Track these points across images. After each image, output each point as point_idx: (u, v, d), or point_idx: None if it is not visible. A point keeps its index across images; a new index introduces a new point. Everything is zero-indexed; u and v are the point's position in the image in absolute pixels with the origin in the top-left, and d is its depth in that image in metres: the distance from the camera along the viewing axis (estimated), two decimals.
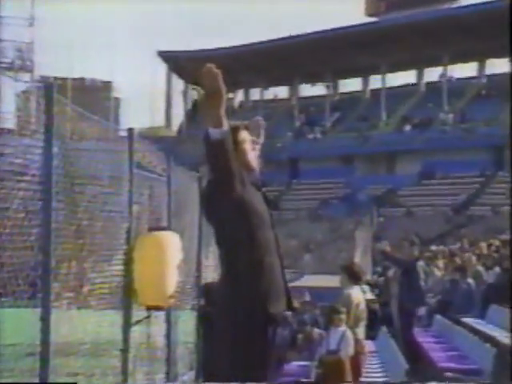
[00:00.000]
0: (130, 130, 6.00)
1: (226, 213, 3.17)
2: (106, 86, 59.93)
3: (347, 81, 51.80)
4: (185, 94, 56.18)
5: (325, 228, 39.53)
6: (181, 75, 54.85)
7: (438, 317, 11.92)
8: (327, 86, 51.06)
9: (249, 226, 3.18)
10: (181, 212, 7.45)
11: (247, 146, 3.37)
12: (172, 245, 5.69)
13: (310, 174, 45.12)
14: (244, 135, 3.39)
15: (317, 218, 41.27)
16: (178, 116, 56.27)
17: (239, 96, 56.87)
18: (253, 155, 3.38)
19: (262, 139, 3.54)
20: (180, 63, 52.57)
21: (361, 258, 16.98)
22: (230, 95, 56.27)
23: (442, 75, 46.64)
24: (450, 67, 46.40)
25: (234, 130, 3.35)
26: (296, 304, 3.37)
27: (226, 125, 2.99)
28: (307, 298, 13.03)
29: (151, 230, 5.91)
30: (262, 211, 3.25)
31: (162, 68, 55.51)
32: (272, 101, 54.33)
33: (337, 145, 45.52)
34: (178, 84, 56.08)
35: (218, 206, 3.18)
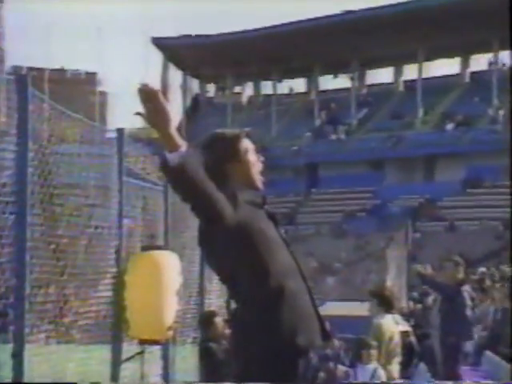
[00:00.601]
0: (120, 131, 6.01)
1: (223, 246, 3.18)
2: (91, 78, 60.23)
3: (377, 71, 51.81)
4: (184, 87, 56.39)
5: (350, 246, 39.44)
6: (179, 66, 55.05)
7: (488, 353, 11.84)
8: (352, 78, 51.11)
9: (255, 253, 3.19)
10: (180, 227, 7.45)
11: (251, 158, 3.37)
12: (170, 267, 5.68)
13: (332, 182, 45.10)
14: (246, 144, 3.39)
15: (341, 234, 41.19)
16: (177, 113, 56.44)
17: (248, 90, 57.03)
18: (258, 169, 3.38)
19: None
20: (178, 52, 52.77)
21: (394, 282, 16.93)
22: (237, 89, 56.51)
23: (491, 63, 46.53)
24: (500, 54, 46.32)
25: (234, 139, 3.36)
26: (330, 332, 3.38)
27: (183, 144, 2.98)
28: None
29: (145, 249, 5.92)
30: (268, 231, 3.27)
31: (156, 57, 55.75)
32: (287, 95, 54.42)
33: (364, 147, 45.50)
34: (176, 76, 56.29)
35: (212, 242, 3.20)
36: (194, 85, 57.90)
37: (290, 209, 44.99)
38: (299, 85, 55.02)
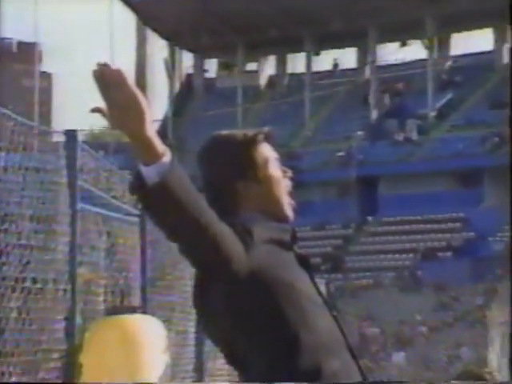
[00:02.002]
0: (70, 134, 6.03)
1: (229, 307, 3.20)
2: (27, 51, 60.65)
3: (464, 34, 51.84)
4: (170, 65, 56.67)
5: (429, 303, 39.34)
6: (162, 34, 55.37)
7: None
8: (428, 46, 51.18)
9: (278, 317, 3.21)
10: (165, 277, 7.47)
11: (274, 172, 3.41)
12: (149, 338, 5.70)
13: (398, 205, 45.06)
14: (266, 151, 3.42)
15: (414, 286, 41.11)
16: (159, 104, 56.72)
17: (267, 67, 57.22)
18: (284, 188, 3.42)
19: None
20: (160, 14, 53.07)
21: (498, 359, 16.91)
22: (251, 66, 56.70)
23: None
24: None
25: (248, 144, 3.38)
26: None
27: (165, 153, 2.94)
28: None
29: (111, 312, 5.94)
30: (299, 284, 3.28)
31: (129, 21, 56.12)
32: (328, 74, 54.55)
33: (448, 152, 45.47)
34: (157, 49, 56.61)
35: (212, 301, 3.22)
36: (187, 61, 58.19)
37: (336, 247, 44.99)
38: (346, 58, 55.17)
